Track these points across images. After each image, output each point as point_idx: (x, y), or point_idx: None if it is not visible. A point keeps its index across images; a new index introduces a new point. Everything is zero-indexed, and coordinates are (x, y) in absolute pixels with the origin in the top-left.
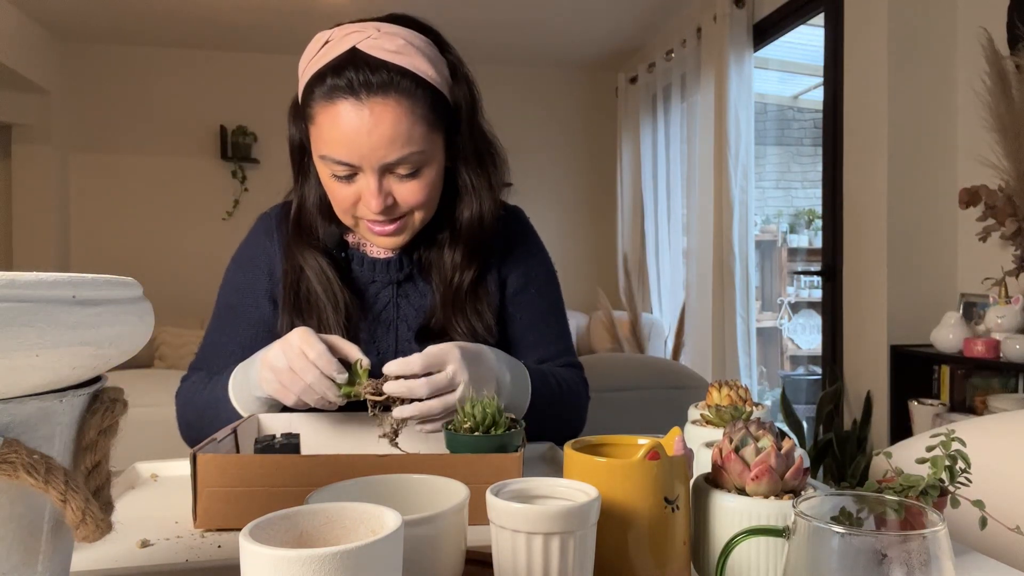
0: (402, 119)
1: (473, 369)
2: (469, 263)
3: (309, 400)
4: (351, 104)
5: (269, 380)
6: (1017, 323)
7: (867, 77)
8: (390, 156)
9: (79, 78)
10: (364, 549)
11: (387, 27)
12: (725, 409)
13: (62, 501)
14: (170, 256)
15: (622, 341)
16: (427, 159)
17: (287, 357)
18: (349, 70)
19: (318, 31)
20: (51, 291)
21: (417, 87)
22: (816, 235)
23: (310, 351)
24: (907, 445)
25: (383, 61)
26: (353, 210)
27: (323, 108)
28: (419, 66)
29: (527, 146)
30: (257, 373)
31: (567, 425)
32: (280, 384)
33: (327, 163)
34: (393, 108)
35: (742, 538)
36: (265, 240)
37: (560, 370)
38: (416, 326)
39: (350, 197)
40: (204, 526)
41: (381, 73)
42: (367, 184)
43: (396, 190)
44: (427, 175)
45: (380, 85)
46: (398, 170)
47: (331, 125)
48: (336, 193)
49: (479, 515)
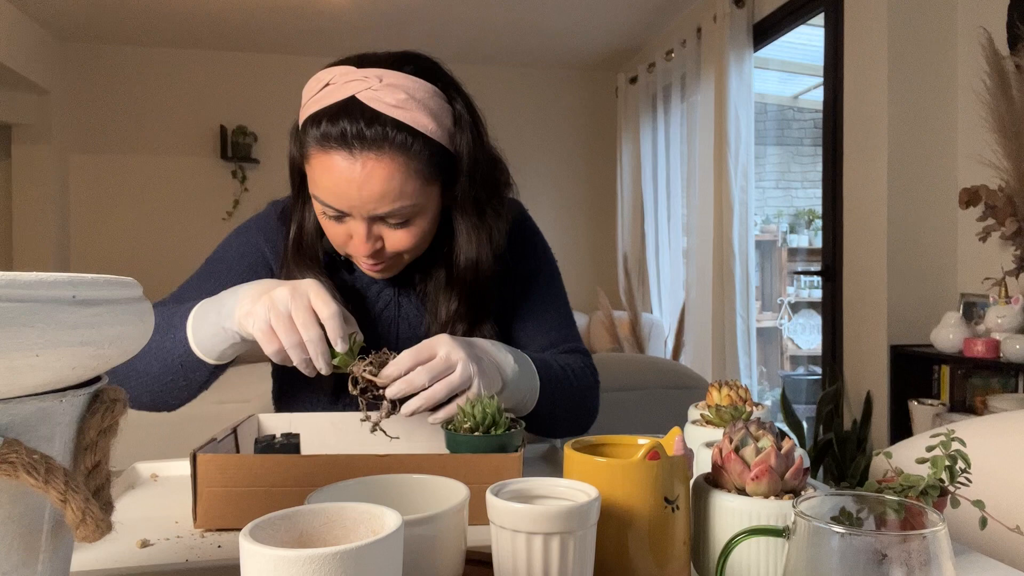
0: (394, 175)
1: (468, 349)
2: (466, 314)
3: (294, 357)
4: (343, 156)
5: (258, 318)
6: (1017, 323)
7: (867, 77)
8: (380, 209)
9: (79, 78)
10: (364, 549)
11: (391, 77)
12: (725, 409)
13: (62, 501)
14: (170, 256)
15: (622, 341)
16: (419, 211)
17: (292, 304)
18: (344, 119)
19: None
20: (51, 291)
21: (414, 141)
22: (816, 235)
23: (323, 308)
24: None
25: (380, 114)
26: (344, 246)
27: (316, 152)
28: (419, 121)
29: (527, 146)
30: (237, 302)
31: (579, 409)
32: (269, 328)
33: (318, 203)
34: (386, 165)
35: (742, 538)
36: (276, 221)
37: (563, 356)
38: (418, 324)
39: (341, 235)
40: (204, 526)
41: (375, 127)
42: (356, 229)
43: (386, 236)
44: (418, 224)
45: (374, 139)
46: (389, 219)
47: (323, 171)
48: (328, 229)
49: (479, 515)
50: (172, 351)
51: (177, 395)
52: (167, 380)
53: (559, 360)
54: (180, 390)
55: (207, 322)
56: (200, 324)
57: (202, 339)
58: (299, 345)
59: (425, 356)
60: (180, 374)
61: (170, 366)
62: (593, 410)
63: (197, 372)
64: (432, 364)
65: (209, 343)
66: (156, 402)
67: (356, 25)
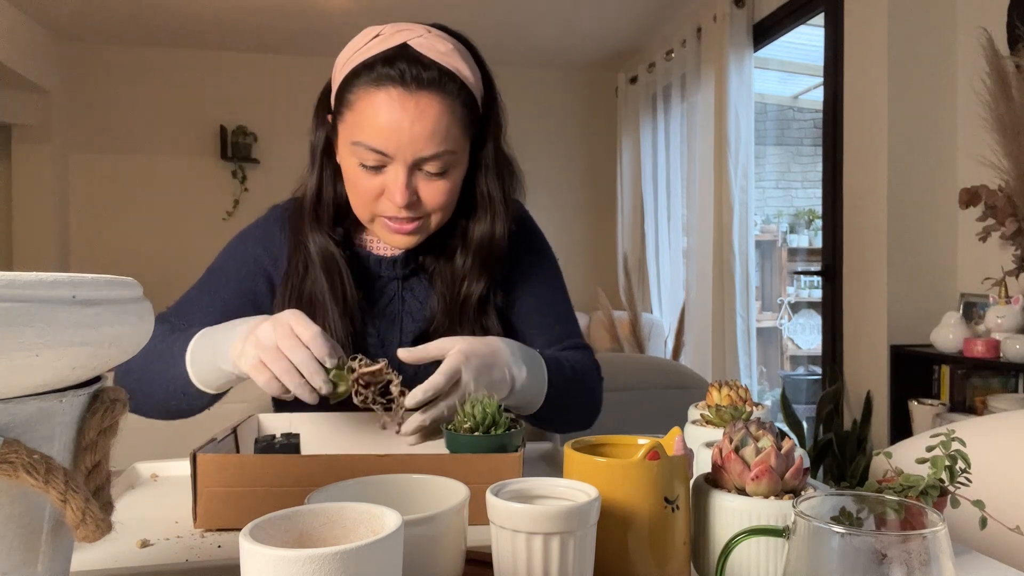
0: (444, 116)
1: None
2: (479, 275)
3: (289, 383)
4: (400, 92)
5: (249, 356)
6: (1017, 323)
7: (867, 77)
8: (426, 150)
9: (79, 78)
10: (364, 549)
11: (436, 31)
12: (725, 409)
13: (62, 501)
14: (170, 256)
15: (622, 341)
16: (456, 161)
17: (276, 334)
18: (401, 62)
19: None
20: (51, 291)
21: (460, 90)
22: (816, 235)
23: (304, 331)
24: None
25: (433, 60)
26: (374, 205)
27: (367, 94)
28: (464, 71)
29: (527, 146)
30: (230, 345)
31: (585, 407)
32: (259, 361)
33: (359, 150)
34: (438, 105)
35: (742, 538)
36: (275, 228)
37: (569, 353)
38: (421, 318)
39: (374, 190)
40: (204, 526)
41: (431, 70)
42: (395, 176)
43: (422, 188)
44: (453, 177)
45: (430, 81)
46: (428, 167)
47: (373, 112)
48: (360, 184)
49: (479, 515)
50: (174, 380)
51: (182, 414)
52: (172, 403)
53: (568, 358)
54: (183, 412)
55: (204, 359)
56: (198, 360)
57: (200, 372)
58: (290, 370)
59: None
60: (183, 400)
61: (173, 393)
62: (598, 406)
63: (198, 400)
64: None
65: (208, 377)
66: (164, 417)
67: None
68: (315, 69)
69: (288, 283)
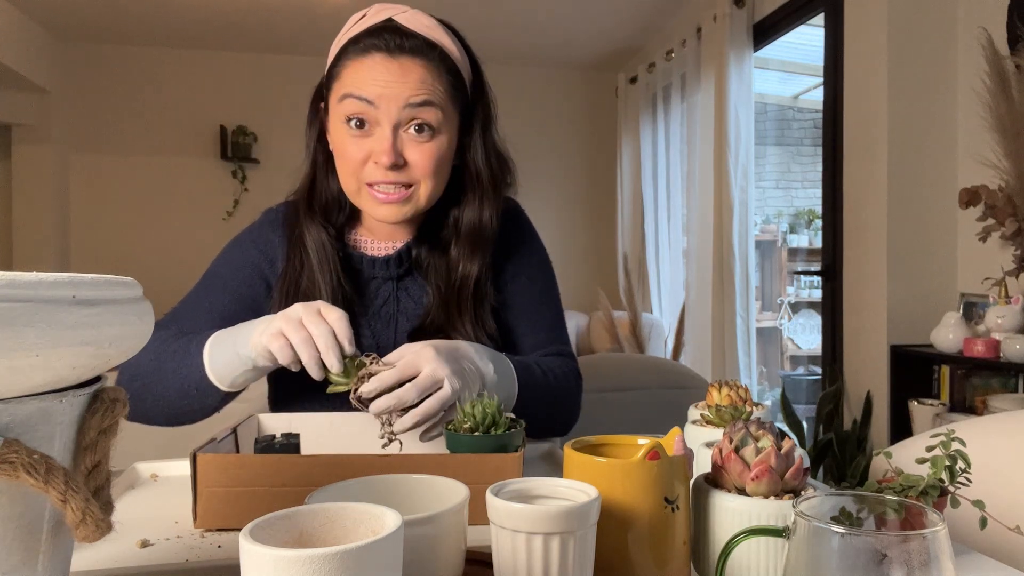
0: (428, 75)
1: (454, 365)
2: (471, 262)
3: (303, 354)
4: (383, 56)
5: (272, 327)
6: (1017, 323)
7: (867, 77)
8: (413, 98)
9: (79, 78)
10: (364, 549)
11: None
12: (725, 409)
13: (62, 501)
14: (170, 256)
15: (622, 341)
16: (441, 126)
17: (303, 311)
18: (385, 34)
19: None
20: (51, 291)
21: (443, 61)
22: (816, 235)
23: (331, 313)
24: (907, 445)
25: (416, 31)
26: (361, 171)
27: (354, 61)
28: (447, 45)
29: (527, 146)
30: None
31: (557, 416)
32: (279, 332)
33: (347, 103)
34: (422, 65)
35: (742, 538)
36: (269, 231)
37: (547, 359)
38: (416, 319)
39: (361, 155)
40: (204, 526)
41: (415, 39)
42: (381, 135)
43: (407, 150)
44: (438, 143)
45: (413, 48)
46: (414, 124)
47: (359, 68)
48: (347, 149)
49: (479, 515)
50: (189, 377)
51: (190, 417)
52: (183, 404)
53: (542, 364)
54: (193, 413)
55: (223, 349)
56: (217, 352)
57: (217, 366)
58: (307, 341)
59: (409, 373)
60: (195, 399)
61: (186, 391)
62: (573, 412)
63: (209, 398)
64: (420, 381)
65: (224, 370)
66: (170, 421)
67: None
68: (315, 69)
69: (285, 279)
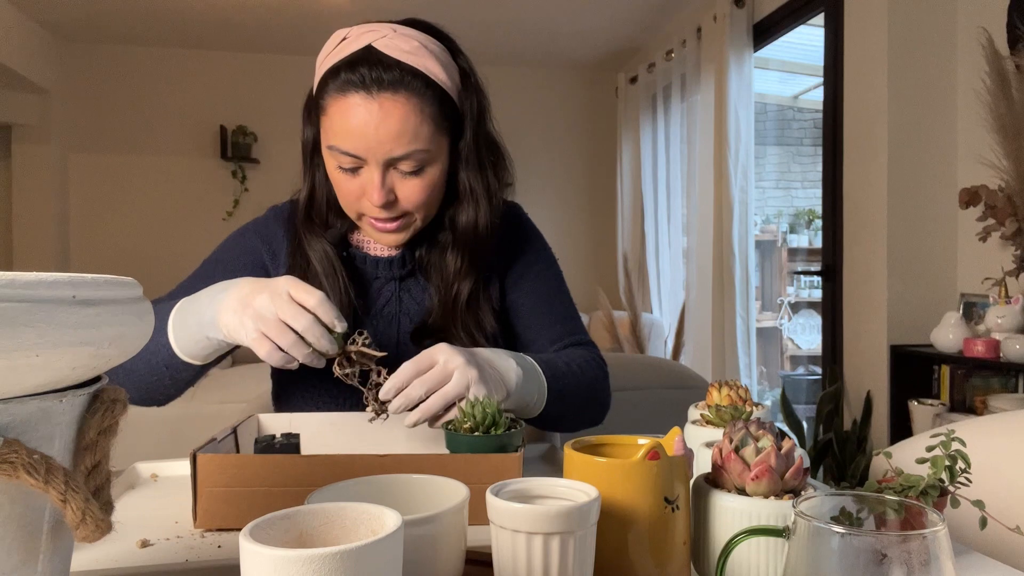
0: (410, 116)
1: (467, 356)
2: (469, 271)
3: (298, 355)
4: (362, 98)
5: (249, 329)
6: (1017, 323)
7: (867, 77)
8: (396, 151)
9: (79, 78)
10: (364, 549)
11: (403, 29)
12: (725, 409)
13: (62, 501)
14: (170, 256)
15: (622, 341)
16: (431, 159)
17: (275, 305)
18: (363, 66)
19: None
20: (51, 291)
21: (427, 88)
22: (816, 235)
23: (308, 298)
24: (907, 445)
25: (396, 60)
26: (357, 205)
27: (335, 100)
28: (431, 68)
29: (527, 146)
30: (217, 312)
31: (589, 405)
32: (261, 334)
33: (334, 154)
34: (402, 105)
35: (742, 538)
36: (275, 224)
37: (566, 352)
38: (418, 319)
39: (355, 191)
40: (204, 526)
41: (393, 71)
42: (371, 177)
43: (398, 187)
44: (429, 175)
45: (391, 82)
46: (402, 166)
47: (341, 117)
48: (341, 186)
49: (479, 515)
50: (157, 353)
51: (165, 392)
52: (153, 380)
53: (564, 356)
54: (167, 388)
55: (188, 329)
56: (181, 330)
57: (185, 345)
58: (297, 342)
59: (425, 366)
60: (166, 375)
61: (155, 367)
62: (605, 401)
63: (183, 372)
64: (428, 376)
65: (193, 349)
66: (145, 399)
67: None
68: (315, 69)
69: (291, 271)
